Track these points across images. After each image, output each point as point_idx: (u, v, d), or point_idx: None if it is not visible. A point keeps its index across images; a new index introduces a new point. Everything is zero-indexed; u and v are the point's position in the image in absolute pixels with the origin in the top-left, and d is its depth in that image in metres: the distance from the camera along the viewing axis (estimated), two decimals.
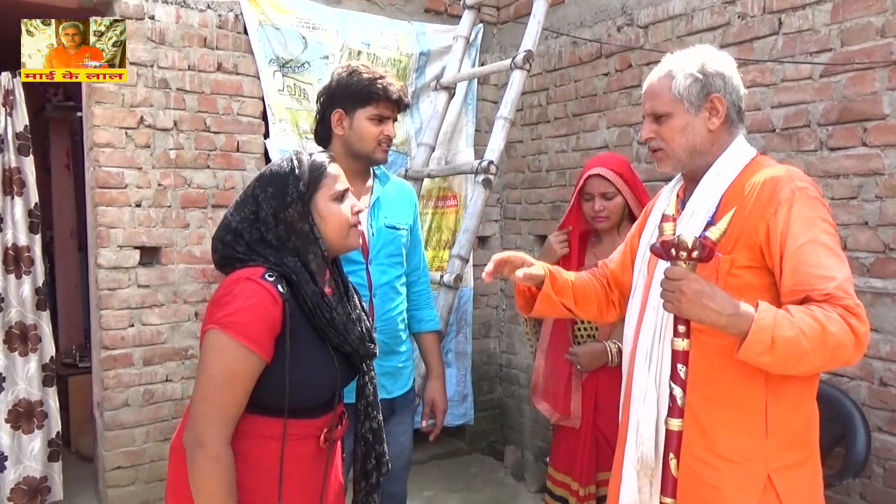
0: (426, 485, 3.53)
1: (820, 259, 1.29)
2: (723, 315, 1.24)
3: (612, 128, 3.30)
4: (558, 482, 2.30)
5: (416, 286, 2.17)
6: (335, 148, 1.98)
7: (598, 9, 3.36)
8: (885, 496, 2.29)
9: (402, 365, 2.05)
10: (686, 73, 1.45)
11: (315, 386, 1.42)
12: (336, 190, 1.48)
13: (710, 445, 1.38)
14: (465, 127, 3.84)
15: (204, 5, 3.10)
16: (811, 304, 1.27)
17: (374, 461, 1.63)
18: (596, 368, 2.19)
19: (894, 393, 2.28)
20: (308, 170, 1.46)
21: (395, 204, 2.05)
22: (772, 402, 1.36)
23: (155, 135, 2.99)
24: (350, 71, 1.94)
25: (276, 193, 1.43)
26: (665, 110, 1.47)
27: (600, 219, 2.21)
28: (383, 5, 3.63)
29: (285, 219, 1.42)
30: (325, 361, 1.43)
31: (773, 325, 1.22)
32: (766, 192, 1.35)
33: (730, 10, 2.73)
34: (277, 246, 1.42)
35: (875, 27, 2.29)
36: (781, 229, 1.32)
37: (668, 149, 1.49)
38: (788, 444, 1.37)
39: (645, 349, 1.47)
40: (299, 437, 1.42)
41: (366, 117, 1.92)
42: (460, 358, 3.87)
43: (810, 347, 1.22)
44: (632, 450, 1.46)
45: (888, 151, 2.27)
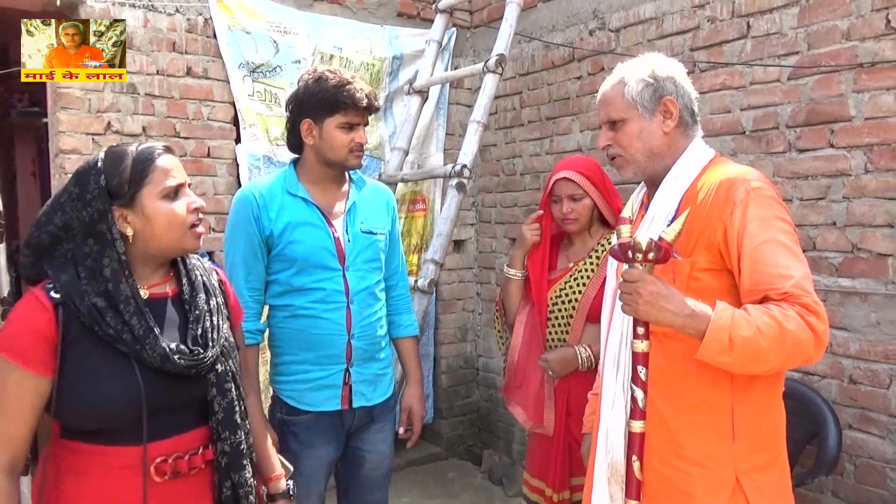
0: (403, 491, 3.51)
1: (777, 258, 1.30)
2: (679, 316, 1.26)
3: (585, 131, 3.31)
4: (534, 487, 2.30)
5: (394, 290, 2.14)
6: (307, 156, 1.95)
7: (569, 13, 3.38)
8: (857, 492, 2.33)
9: (381, 372, 2.02)
10: (637, 79, 1.47)
11: (105, 402, 1.23)
12: (166, 186, 1.32)
13: (678, 450, 1.38)
14: (437, 131, 3.83)
15: (172, 9, 3.06)
16: (769, 304, 1.27)
17: (229, 491, 1.36)
18: (567, 374, 2.19)
19: (864, 391, 2.31)
20: (131, 163, 1.30)
21: (371, 209, 2.03)
22: (738, 405, 1.36)
23: (123, 141, 2.93)
24: (316, 78, 1.90)
25: (79, 194, 1.29)
26: (620, 116, 1.49)
27: (569, 220, 2.21)
28: (355, 9, 3.61)
29: (84, 220, 1.27)
30: (119, 373, 1.24)
31: (730, 325, 1.23)
32: (722, 194, 1.36)
33: (699, 14, 2.76)
34: (65, 257, 1.28)
35: (840, 30, 2.33)
36: (738, 230, 1.32)
37: (627, 154, 1.49)
38: (756, 446, 1.38)
39: (612, 354, 1.47)
40: (104, 466, 1.24)
41: (335, 126, 1.88)
42: (424, 360, 3.87)
43: (768, 346, 1.23)
44: (602, 456, 1.45)
45: (854, 153, 2.31)
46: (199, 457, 1.34)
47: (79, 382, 1.23)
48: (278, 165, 3.29)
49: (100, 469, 1.25)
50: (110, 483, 1.25)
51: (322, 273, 1.89)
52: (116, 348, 1.25)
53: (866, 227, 2.29)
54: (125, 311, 1.26)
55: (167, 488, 1.29)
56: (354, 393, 1.94)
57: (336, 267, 1.91)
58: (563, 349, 2.21)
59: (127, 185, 1.29)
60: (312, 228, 1.90)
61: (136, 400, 1.24)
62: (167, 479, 1.29)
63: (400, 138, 3.37)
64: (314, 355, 1.91)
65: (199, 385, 1.34)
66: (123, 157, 1.31)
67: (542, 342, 2.28)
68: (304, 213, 1.90)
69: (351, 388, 1.94)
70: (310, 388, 1.92)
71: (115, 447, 1.26)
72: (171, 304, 1.37)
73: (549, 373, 2.22)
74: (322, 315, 1.89)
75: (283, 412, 1.93)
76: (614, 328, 1.48)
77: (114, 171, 1.30)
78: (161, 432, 1.29)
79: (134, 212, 1.30)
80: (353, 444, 2.01)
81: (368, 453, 2.02)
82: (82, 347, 1.24)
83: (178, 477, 1.31)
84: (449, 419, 4.01)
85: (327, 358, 1.91)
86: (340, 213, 1.96)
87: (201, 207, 1.38)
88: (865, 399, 2.31)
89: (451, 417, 4.02)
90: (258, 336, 1.93)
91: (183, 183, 1.36)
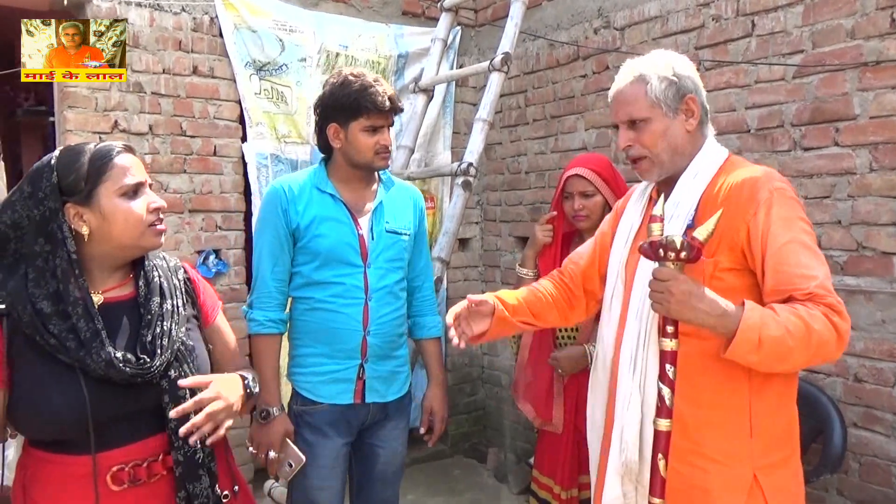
0: (409, 488, 3.52)
1: (800, 258, 1.31)
2: (711, 315, 1.26)
3: (590, 129, 3.31)
4: (542, 485, 2.32)
5: (419, 291, 2.17)
6: (337, 158, 2.00)
7: (574, 11, 3.38)
8: (862, 491, 2.33)
9: (397, 369, 2.04)
10: (660, 77, 1.44)
11: (49, 412, 1.21)
12: (125, 184, 1.29)
13: (695, 447, 1.38)
14: (443, 129, 3.84)
15: (178, 8, 3.07)
16: (795, 303, 1.28)
17: (182, 501, 1.32)
18: (576, 372, 2.20)
19: (869, 389, 2.31)
20: (88, 160, 1.27)
21: (398, 209, 2.06)
22: (755, 402, 1.37)
23: (130, 139, 2.94)
24: (341, 82, 1.94)
25: (31, 192, 1.26)
26: (643, 115, 1.45)
27: (580, 217, 2.23)
28: (360, 8, 3.62)
29: (35, 218, 1.25)
30: (63, 384, 1.22)
31: (760, 325, 1.24)
32: (746, 194, 1.36)
33: (704, 13, 2.76)
34: (13, 257, 1.26)
35: (845, 29, 2.33)
36: (762, 230, 1.32)
37: (652, 154, 1.46)
38: (772, 442, 1.38)
39: (629, 353, 1.45)
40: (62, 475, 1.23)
41: (360, 129, 1.92)
42: None
43: (795, 345, 1.24)
44: (616, 455, 1.45)
45: (859, 151, 2.31)
46: (160, 463, 1.31)
47: (25, 393, 1.22)
48: (286, 163, 3.30)
49: (59, 477, 1.25)
50: (69, 491, 1.24)
51: (344, 268, 1.93)
52: (60, 359, 1.22)
53: (871, 225, 2.29)
54: (73, 314, 1.23)
55: (128, 496, 1.27)
56: (368, 388, 1.97)
57: (358, 263, 1.94)
58: (573, 347, 2.22)
59: (84, 181, 1.27)
60: (338, 224, 1.95)
61: (82, 410, 1.21)
62: (126, 488, 1.27)
63: (405, 136, 3.38)
64: (330, 349, 1.94)
65: (151, 392, 1.30)
66: (80, 154, 1.29)
67: (551, 340, 2.29)
68: (331, 209, 1.95)
69: (364, 384, 1.96)
70: (324, 381, 1.95)
71: (71, 456, 1.25)
72: (127, 309, 1.34)
73: (559, 371, 2.23)
74: (340, 309, 1.93)
75: (298, 403, 1.97)
76: (630, 328, 1.46)
77: (69, 169, 1.28)
78: (116, 440, 1.27)
79: (91, 210, 1.28)
80: (368, 439, 2.04)
81: (382, 450, 2.05)
82: (27, 359, 1.23)
83: (138, 484, 1.28)
84: (454, 417, 4.02)
85: (342, 352, 1.94)
86: (367, 212, 2.00)
87: (161, 207, 1.36)
88: (870, 397, 2.31)
89: (456, 415, 4.02)
90: (281, 325, 1.97)
91: (143, 182, 1.34)
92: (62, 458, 1.25)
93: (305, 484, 1.93)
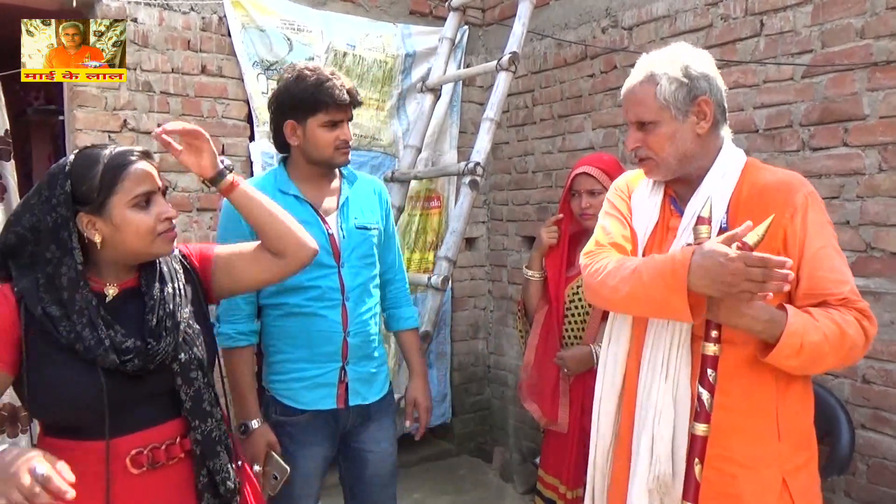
0: (415, 487, 3.53)
1: (833, 263, 1.33)
2: (758, 321, 1.27)
3: (597, 129, 3.31)
4: (548, 484, 2.31)
5: (392, 284, 2.13)
6: (294, 156, 1.94)
7: (582, 11, 3.38)
8: (869, 492, 2.32)
9: (376, 370, 2.00)
10: (670, 78, 1.40)
11: (69, 398, 1.25)
12: (137, 194, 1.31)
13: (724, 453, 1.36)
14: (450, 129, 3.84)
15: (187, 7, 3.09)
16: (829, 308, 1.31)
17: (206, 479, 1.37)
18: (582, 372, 2.20)
19: (877, 390, 2.30)
20: (101, 170, 1.28)
21: (364, 203, 2.01)
22: (781, 405, 1.37)
23: (138, 138, 2.96)
24: (296, 76, 1.87)
25: (47, 197, 1.28)
26: (651, 118, 1.42)
27: (587, 215, 2.23)
28: (368, 7, 3.62)
29: (48, 224, 1.27)
30: (81, 370, 1.25)
31: (802, 331, 1.26)
32: (781, 198, 1.35)
33: (712, 12, 2.75)
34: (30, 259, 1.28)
35: (855, 28, 2.32)
36: (799, 236, 1.33)
37: (658, 158, 1.44)
38: (798, 444, 1.39)
39: (660, 360, 1.40)
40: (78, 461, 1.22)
41: (318, 125, 1.87)
42: (440, 359, 3.89)
43: (830, 350, 1.28)
44: (644, 468, 1.39)
45: (868, 151, 2.30)
46: (178, 446, 1.35)
47: (42, 379, 1.25)
48: None
49: (74, 464, 1.25)
50: (84, 476, 1.25)
51: (318, 270, 1.87)
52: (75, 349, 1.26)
53: (880, 226, 2.28)
54: (77, 322, 1.25)
55: (147, 479, 1.30)
56: (350, 391, 1.93)
57: (331, 264, 1.90)
58: (579, 347, 2.22)
59: (96, 192, 1.28)
60: (306, 226, 1.83)
61: (99, 395, 1.25)
62: (146, 470, 1.30)
63: (413, 136, 3.39)
64: (309, 353, 1.89)
65: (163, 376, 1.33)
66: (95, 162, 1.29)
67: (558, 340, 2.29)
68: (297, 211, 1.87)
69: (347, 387, 1.92)
70: (305, 387, 1.90)
71: (86, 442, 1.27)
72: (131, 297, 1.36)
73: (565, 370, 2.23)
74: (318, 312, 1.88)
75: (277, 412, 1.91)
76: (660, 333, 1.41)
77: (83, 177, 1.28)
78: (132, 426, 1.30)
79: (103, 219, 1.29)
80: (355, 444, 2.00)
81: (372, 453, 2.01)
82: (43, 345, 1.25)
83: (157, 467, 1.32)
84: (460, 416, 4.03)
85: (323, 355, 1.90)
86: (333, 210, 1.95)
87: (172, 216, 1.37)
88: (878, 399, 2.30)
89: (462, 415, 4.03)
90: (252, 337, 1.92)
91: (155, 190, 1.35)
92: (77, 444, 1.27)
93: (290, 493, 1.86)
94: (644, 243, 1.51)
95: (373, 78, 3.54)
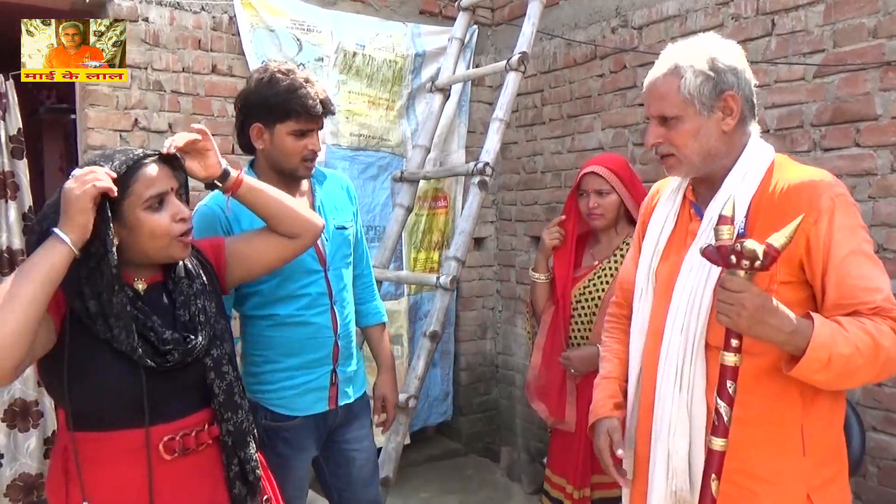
0: (422, 487, 3.53)
1: (863, 270, 1.23)
2: (782, 332, 1.18)
3: (606, 129, 3.30)
4: (555, 484, 2.31)
5: (360, 279, 2.10)
6: (259, 161, 1.87)
7: (592, 10, 3.37)
8: (881, 495, 2.30)
9: (356, 367, 2.00)
10: (696, 71, 1.31)
11: (109, 390, 1.28)
12: (149, 196, 1.32)
13: (743, 467, 1.29)
14: (458, 128, 3.85)
15: (198, 7, 3.10)
16: (861, 317, 1.21)
17: (237, 467, 1.42)
18: (589, 372, 2.19)
19: (888, 392, 2.29)
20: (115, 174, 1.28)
21: (337, 202, 1.98)
22: (807, 419, 1.30)
23: (150, 137, 2.98)
24: (268, 78, 1.78)
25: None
26: (674, 113, 1.34)
27: (595, 215, 2.22)
28: (378, 7, 3.63)
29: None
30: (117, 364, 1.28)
31: (830, 343, 1.17)
32: (805, 200, 1.25)
33: (723, 12, 2.74)
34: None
35: (867, 28, 2.31)
36: (824, 241, 1.24)
37: (680, 154, 1.36)
38: (824, 458, 1.32)
39: (673, 370, 1.35)
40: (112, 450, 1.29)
41: (286, 132, 1.78)
42: (444, 357, 3.90)
43: (863, 363, 1.18)
44: (661, 483, 1.35)
45: (880, 152, 2.28)
46: (206, 433, 1.39)
47: (83, 368, 1.27)
48: None
49: (112, 453, 1.30)
50: (122, 465, 1.30)
51: (306, 277, 1.85)
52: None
53: (892, 227, 2.26)
54: (115, 326, 1.27)
55: (178, 465, 1.34)
56: (339, 392, 1.93)
57: (318, 269, 1.87)
58: (586, 348, 2.22)
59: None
60: None
61: (138, 388, 1.28)
62: (177, 456, 1.34)
63: (422, 136, 3.39)
64: (301, 360, 1.86)
65: (195, 369, 1.38)
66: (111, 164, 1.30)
67: (564, 340, 2.29)
68: None
69: (337, 388, 1.92)
70: (298, 394, 1.87)
71: (123, 431, 1.30)
72: (159, 292, 1.40)
73: (571, 371, 2.23)
74: (310, 320, 1.85)
75: (268, 419, 1.85)
76: (673, 342, 1.36)
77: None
78: (165, 416, 1.33)
79: (118, 222, 1.30)
80: (340, 444, 1.98)
81: (357, 451, 2.00)
82: (82, 335, 1.27)
83: (187, 453, 1.36)
84: (468, 416, 4.03)
85: (316, 361, 1.87)
86: (188, 215, 1.89)
87: (186, 217, 1.38)
88: (890, 401, 2.28)
89: (470, 414, 4.03)
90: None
91: (168, 191, 1.36)
92: (114, 434, 1.30)
93: (286, 498, 1.81)
94: (661, 248, 1.46)
95: (382, 78, 3.54)
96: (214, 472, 1.41)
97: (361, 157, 3.51)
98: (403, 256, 3.69)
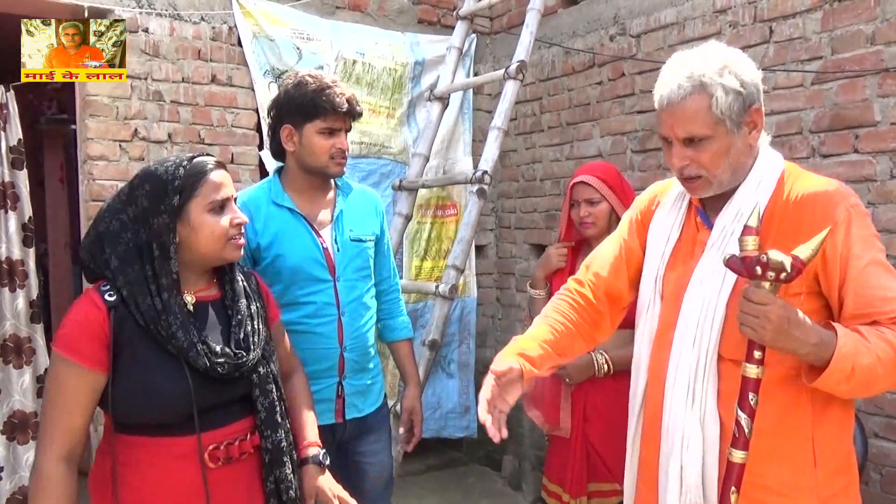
0: (424, 496, 3.52)
1: (881, 280, 1.23)
2: (806, 344, 1.17)
3: (605, 136, 3.31)
4: (551, 492, 2.30)
5: (387, 295, 2.12)
6: (289, 164, 1.92)
7: (590, 19, 3.38)
8: (883, 502, 2.29)
9: (371, 381, 1.99)
10: (727, 88, 1.27)
11: (157, 398, 1.32)
12: (214, 199, 1.40)
13: (756, 479, 1.27)
14: (463, 136, 3.85)
15: (198, 18, 3.11)
16: (881, 327, 1.21)
17: (272, 485, 1.46)
18: (584, 380, 2.19)
19: (890, 399, 2.28)
20: (184, 175, 1.38)
21: (359, 215, 1.99)
22: (818, 430, 1.29)
23: (149, 147, 2.99)
24: (297, 82, 1.86)
25: (151, 195, 1.37)
26: (704, 133, 1.28)
27: (587, 224, 2.22)
28: (377, 16, 3.64)
29: (152, 225, 1.36)
30: (170, 372, 1.33)
31: (853, 353, 1.17)
32: (820, 211, 1.25)
33: (721, 19, 2.75)
34: (125, 256, 1.35)
35: (865, 35, 2.31)
36: (842, 252, 1.23)
37: (710, 175, 1.31)
38: (836, 469, 1.30)
39: (685, 384, 1.33)
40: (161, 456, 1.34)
41: (315, 132, 1.84)
42: (463, 369, 3.83)
43: (884, 372, 1.19)
44: (675, 498, 1.33)
45: (879, 158, 2.28)
46: (248, 442, 1.43)
47: (133, 379, 1.32)
48: None
49: (157, 459, 1.34)
50: (170, 472, 1.35)
51: (313, 286, 1.85)
52: (167, 349, 1.34)
53: (893, 233, 2.26)
54: (173, 323, 1.34)
55: (222, 473, 1.38)
56: (347, 405, 1.92)
57: (326, 278, 1.88)
58: (581, 356, 2.21)
59: (178, 195, 1.37)
60: (299, 239, 1.86)
61: (187, 397, 1.33)
62: (221, 465, 1.38)
63: (420, 144, 3.39)
64: (306, 370, 1.84)
65: (242, 385, 1.43)
66: (177, 169, 1.39)
67: None
68: (291, 224, 1.87)
69: (344, 401, 1.91)
70: None
71: (173, 437, 1.35)
72: (215, 309, 1.46)
73: (567, 379, 2.23)
74: (314, 329, 1.86)
75: None
76: (686, 355, 1.33)
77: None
78: (211, 424, 1.38)
79: (181, 221, 1.38)
80: (353, 457, 1.97)
81: (371, 465, 1.99)
82: (136, 346, 1.33)
83: (230, 462, 1.40)
84: None
85: (320, 372, 1.87)
86: (328, 222, 1.92)
87: (243, 222, 1.46)
88: (892, 407, 2.27)
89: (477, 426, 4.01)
90: None
91: (229, 197, 1.44)
92: (164, 440, 1.34)
93: None
94: (666, 258, 1.44)
95: (382, 85, 3.55)
96: (256, 482, 1.45)
97: (363, 164, 3.51)
98: (404, 265, 3.68)
